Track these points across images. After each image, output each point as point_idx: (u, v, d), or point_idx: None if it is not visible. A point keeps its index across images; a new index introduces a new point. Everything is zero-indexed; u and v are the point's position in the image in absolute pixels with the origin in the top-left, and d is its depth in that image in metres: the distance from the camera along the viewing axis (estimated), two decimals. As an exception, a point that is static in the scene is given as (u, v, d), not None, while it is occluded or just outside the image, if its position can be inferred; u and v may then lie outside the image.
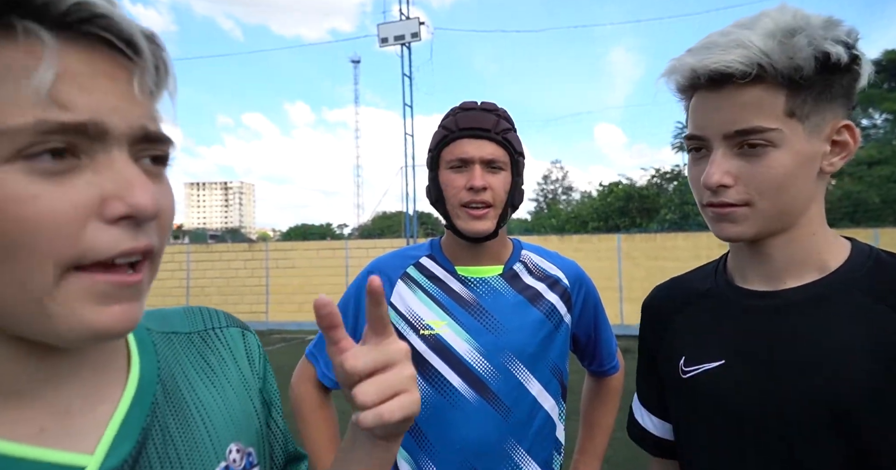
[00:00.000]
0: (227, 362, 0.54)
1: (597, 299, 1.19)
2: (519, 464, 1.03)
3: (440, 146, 1.08)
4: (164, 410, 0.45)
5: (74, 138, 0.35)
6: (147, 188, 0.36)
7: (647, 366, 0.86)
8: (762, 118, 0.65)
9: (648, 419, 0.86)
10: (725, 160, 0.67)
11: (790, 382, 0.65)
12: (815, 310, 0.67)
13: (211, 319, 0.57)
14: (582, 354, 1.23)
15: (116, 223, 0.36)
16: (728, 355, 0.71)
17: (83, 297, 0.36)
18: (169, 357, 0.49)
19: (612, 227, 17.56)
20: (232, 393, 0.52)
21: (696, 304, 0.80)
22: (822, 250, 0.69)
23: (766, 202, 0.67)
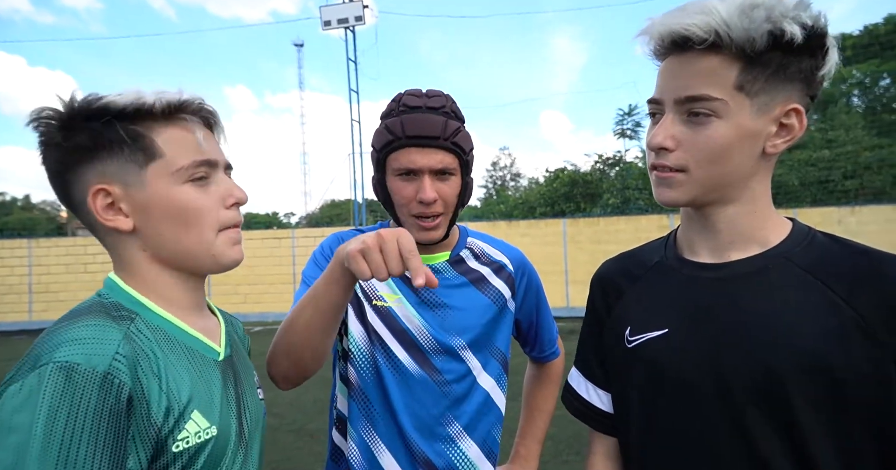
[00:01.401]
0: (240, 335, 0.90)
1: (539, 286, 1.21)
2: (455, 439, 1.06)
3: (386, 151, 1.02)
4: (234, 342, 0.83)
5: (208, 168, 0.73)
6: (240, 188, 0.76)
7: (596, 338, 0.87)
8: (711, 87, 0.66)
9: (595, 394, 0.87)
10: (672, 125, 0.70)
11: (730, 349, 0.68)
12: (755, 281, 0.70)
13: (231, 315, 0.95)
14: (524, 340, 1.26)
15: (231, 208, 0.75)
16: (672, 324, 0.74)
17: (227, 243, 0.75)
18: (227, 320, 0.86)
19: (558, 212, 17.99)
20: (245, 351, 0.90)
21: (644, 276, 0.82)
22: (764, 227, 0.73)
23: (700, 170, 0.69)
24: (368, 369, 1.06)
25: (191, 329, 0.73)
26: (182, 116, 0.72)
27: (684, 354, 0.71)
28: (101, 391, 0.57)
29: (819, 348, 0.64)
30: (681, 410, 0.71)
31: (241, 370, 0.79)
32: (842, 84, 20.76)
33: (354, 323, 1.07)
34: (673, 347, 0.73)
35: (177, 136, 0.70)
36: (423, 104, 1.02)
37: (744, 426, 0.67)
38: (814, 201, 15.41)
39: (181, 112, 0.72)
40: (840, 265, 0.67)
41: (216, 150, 0.75)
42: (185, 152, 0.70)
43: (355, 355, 1.07)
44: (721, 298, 0.71)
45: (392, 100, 1.07)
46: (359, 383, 1.06)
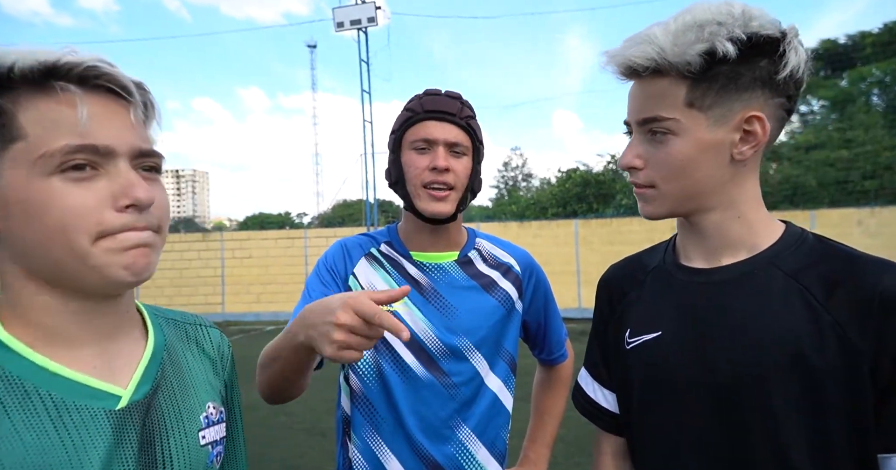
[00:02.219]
0: (207, 350, 0.74)
1: (547, 288, 1.22)
2: (464, 442, 1.06)
3: (404, 127, 1.08)
4: (169, 370, 0.65)
5: (91, 156, 0.53)
6: (144, 186, 0.55)
7: (602, 340, 0.89)
8: (662, 108, 0.71)
9: (602, 395, 0.89)
10: (638, 145, 0.75)
11: (717, 352, 0.71)
12: (741, 285, 0.72)
13: (199, 319, 0.78)
14: (532, 343, 1.26)
15: (125, 211, 0.54)
16: (664, 327, 0.77)
17: (111, 248, 0.54)
18: (171, 334, 0.70)
19: (570, 212, 17.92)
20: (211, 370, 0.72)
21: (645, 280, 0.84)
22: (752, 232, 0.74)
23: (668, 185, 0.73)
24: (372, 376, 1.06)
25: (71, 372, 0.55)
26: (60, 85, 0.52)
27: (675, 356, 0.74)
28: None
29: (798, 351, 0.66)
30: (672, 410, 0.74)
31: (167, 413, 0.61)
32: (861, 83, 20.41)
33: None
34: (665, 349, 0.76)
35: (48, 112, 0.52)
36: (441, 93, 1.12)
37: (728, 427, 0.69)
38: (832, 202, 15.15)
39: (60, 79, 0.52)
40: (821, 269, 0.69)
41: (113, 132, 0.54)
42: (56, 134, 0.51)
43: (357, 363, 1.07)
44: (709, 301, 0.74)
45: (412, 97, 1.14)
46: (362, 391, 1.07)
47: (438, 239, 1.11)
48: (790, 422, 0.66)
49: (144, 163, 0.57)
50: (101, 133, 0.53)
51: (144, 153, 0.57)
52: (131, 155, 0.55)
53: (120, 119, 0.55)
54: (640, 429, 0.80)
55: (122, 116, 0.56)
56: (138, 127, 0.57)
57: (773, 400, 0.67)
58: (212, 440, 0.66)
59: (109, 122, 0.54)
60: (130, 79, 0.56)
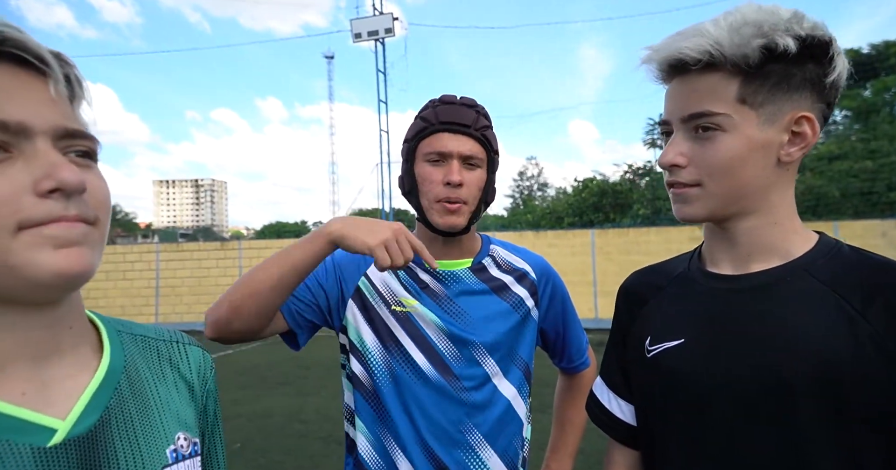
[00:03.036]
0: (183, 372, 0.63)
1: (565, 294, 1.20)
2: (475, 448, 1.05)
3: (418, 138, 1.07)
4: (127, 396, 0.54)
5: (5, 137, 0.44)
6: (71, 169, 0.45)
7: (620, 349, 0.88)
8: (713, 103, 0.69)
9: (616, 404, 0.87)
10: (681, 142, 0.72)
11: (743, 359, 0.68)
12: (772, 292, 0.70)
13: (177, 336, 0.67)
14: (552, 351, 1.25)
15: (48, 196, 0.44)
16: (687, 334, 0.74)
17: (36, 245, 0.44)
18: (135, 354, 0.59)
19: (586, 222, 17.79)
20: (186, 394, 0.62)
21: (667, 287, 0.82)
22: (786, 240, 0.72)
23: (714, 184, 0.71)
24: (384, 376, 1.06)
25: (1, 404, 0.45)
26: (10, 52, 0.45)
27: (698, 364, 0.72)
28: None
29: (832, 361, 0.63)
30: (694, 420, 0.72)
31: (120, 449, 0.51)
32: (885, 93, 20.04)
33: (366, 329, 1.08)
34: (687, 356, 0.73)
35: None
36: (456, 101, 1.10)
37: (755, 437, 0.67)
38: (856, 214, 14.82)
39: None
40: (858, 278, 0.67)
41: (27, 107, 0.45)
42: None
43: (368, 360, 1.07)
44: (737, 308, 0.71)
45: (425, 104, 1.13)
46: (373, 390, 1.07)
47: (451, 248, 1.11)
48: (820, 435, 0.64)
49: (74, 146, 0.48)
50: (10, 108, 0.44)
51: (71, 133, 0.47)
52: (54, 134, 0.46)
53: (36, 93, 0.46)
54: (658, 440, 0.78)
55: (39, 90, 0.47)
56: (60, 103, 0.48)
57: (803, 412, 0.64)
58: None
59: (21, 96, 0.45)
60: (47, 49, 0.47)
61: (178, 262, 12.63)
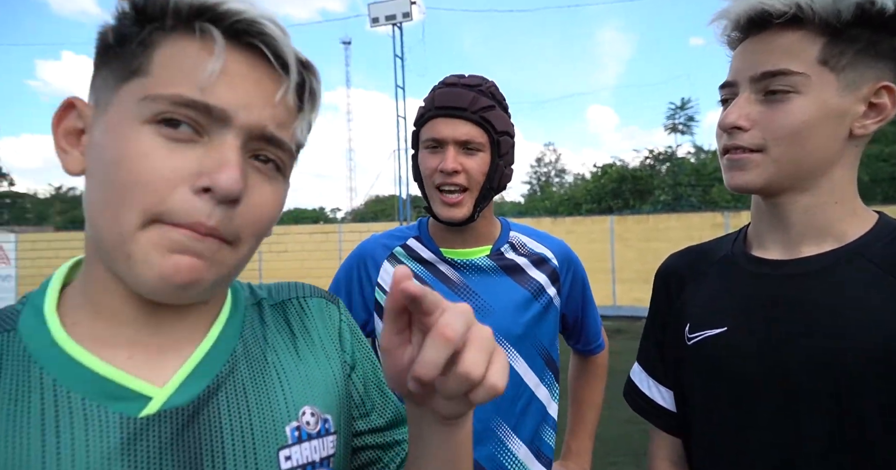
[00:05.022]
0: (309, 329, 0.56)
1: (584, 279, 1.19)
2: (504, 441, 1.04)
3: (418, 124, 1.05)
4: (242, 364, 0.49)
5: (199, 116, 0.41)
6: (234, 172, 0.41)
7: (659, 334, 0.84)
8: (791, 61, 0.63)
9: (657, 391, 0.84)
10: (747, 104, 0.67)
11: (793, 348, 0.65)
12: (824, 278, 0.66)
13: (295, 290, 0.60)
14: (569, 334, 1.24)
15: (200, 195, 0.41)
16: (731, 322, 0.71)
17: (156, 243, 0.41)
18: (255, 320, 0.53)
19: (605, 208, 17.59)
20: (312, 359, 0.54)
21: (708, 271, 0.78)
22: (843, 220, 0.68)
23: (779, 149, 0.65)
24: None
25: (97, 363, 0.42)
26: (202, 26, 0.42)
27: (743, 353, 0.68)
28: None
29: (892, 348, 0.60)
30: (742, 410, 0.68)
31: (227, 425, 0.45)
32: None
33: None
34: (731, 345, 0.70)
35: (181, 55, 0.42)
36: (459, 82, 1.05)
37: (811, 428, 0.63)
38: (885, 198, 14.40)
39: (209, 21, 0.42)
40: None
41: (241, 99, 0.42)
42: (176, 80, 0.41)
43: None
44: (785, 295, 0.67)
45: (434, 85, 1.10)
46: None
47: (468, 235, 1.08)
48: (879, 426, 0.60)
49: (262, 151, 0.44)
50: (226, 94, 0.42)
51: (268, 138, 0.44)
52: (250, 134, 0.43)
53: (260, 90, 0.44)
54: (702, 431, 0.75)
55: (266, 89, 0.44)
56: (280, 109, 0.45)
57: (859, 405, 0.61)
58: (303, 463, 0.48)
59: (243, 87, 0.43)
60: (297, 55, 0.45)
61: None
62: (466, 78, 1.06)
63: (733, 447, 0.69)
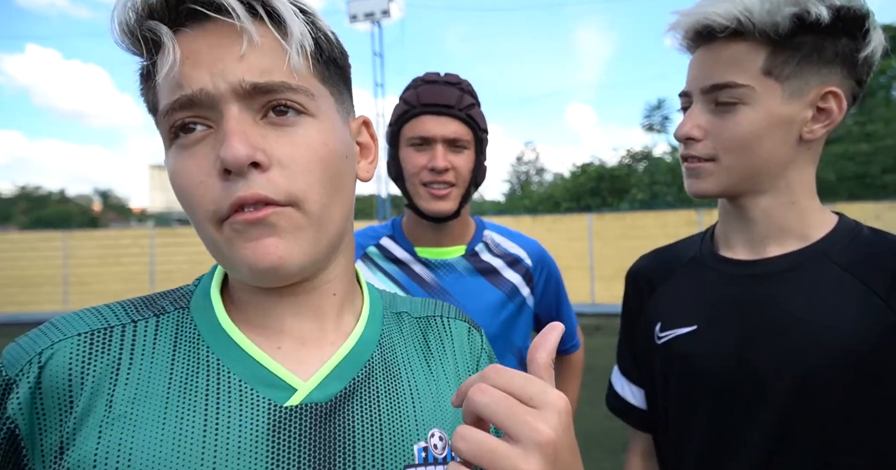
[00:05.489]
0: (447, 351, 0.55)
1: (559, 279, 1.19)
2: None
3: (401, 121, 1.03)
4: (378, 372, 0.49)
5: (196, 111, 0.41)
6: (232, 141, 0.39)
7: (630, 334, 0.86)
8: (736, 74, 0.66)
9: (629, 390, 0.85)
10: (699, 114, 0.69)
11: (761, 347, 0.66)
12: (790, 278, 0.68)
13: (441, 309, 0.59)
14: None
15: (226, 179, 0.41)
16: (701, 321, 0.72)
17: (233, 238, 0.42)
18: (393, 330, 0.53)
19: (583, 207, 17.77)
20: (444, 380, 0.53)
21: (678, 271, 0.80)
22: (804, 221, 0.70)
23: (730, 158, 0.68)
24: None
25: (255, 349, 0.44)
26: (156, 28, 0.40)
27: (713, 352, 0.70)
28: None
29: (855, 350, 0.61)
30: (708, 409, 0.70)
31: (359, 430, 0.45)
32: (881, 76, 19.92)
33: None
34: (701, 344, 0.71)
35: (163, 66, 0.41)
36: (439, 79, 1.04)
37: (773, 424, 0.65)
38: (851, 196, 14.87)
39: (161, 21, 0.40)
40: (882, 263, 0.64)
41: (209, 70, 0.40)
42: (163, 91, 0.42)
43: None
44: (753, 295, 0.69)
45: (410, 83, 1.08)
46: None
47: (443, 234, 1.07)
48: (843, 427, 0.62)
49: (272, 103, 0.42)
50: (194, 75, 0.40)
51: (261, 89, 0.41)
52: (238, 95, 0.40)
53: (221, 50, 0.40)
54: (674, 425, 0.76)
55: (224, 46, 0.41)
56: (254, 55, 0.41)
57: (824, 402, 0.62)
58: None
59: (206, 59, 0.40)
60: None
61: (174, 247, 12.58)
62: (446, 76, 1.05)
63: (701, 443, 0.71)
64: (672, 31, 0.71)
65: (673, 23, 0.70)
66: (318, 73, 0.45)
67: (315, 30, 0.45)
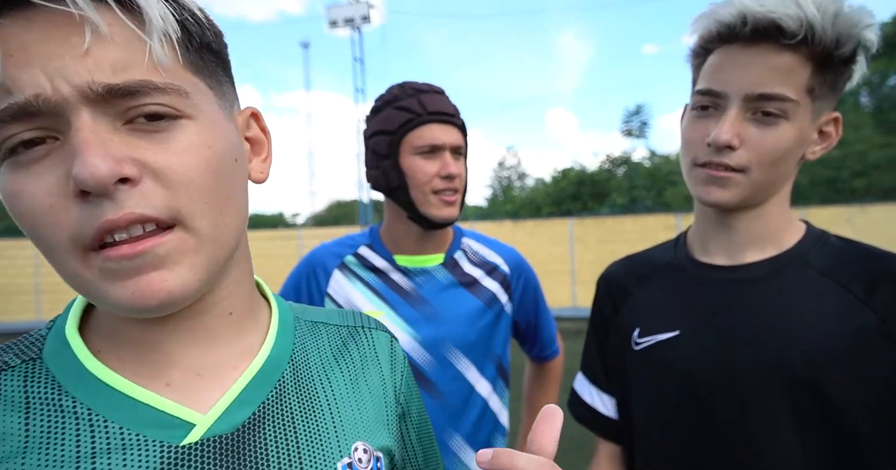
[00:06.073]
0: (369, 362, 0.52)
1: (537, 286, 1.20)
2: (456, 452, 1.04)
3: (405, 130, 1.01)
4: (290, 392, 0.45)
5: (39, 122, 0.32)
6: (94, 153, 0.31)
7: (601, 342, 0.85)
8: (787, 87, 0.63)
9: (599, 399, 0.84)
10: (740, 122, 0.65)
11: (744, 351, 0.67)
12: (771, 283, 0.68)
13: (364, 320, 0.57)
14: (522, 340, 1.24)
15: (83, 200, 0.32)
16: (683, 326, 0.72)
17: (101, 276, 0.34)
18: (309, 343, 0.49)
19: (564, 211, 17.94)
20: (367, 393, 0.50)
21: (653, 277, 0.79)
22: (781, 228, 0.71)
23: (760, 172, 0.66)
24: None
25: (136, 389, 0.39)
26: None
27: (696, 357, 0.70)
28: None
29: (837, 350, 0.62)
30: (695, 413, 0.70)
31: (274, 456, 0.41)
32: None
33: None
34: (684, 349, 0.71)
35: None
36: (432, 89, 1.06)
37: (761, 430, 0.65)
38: (822, 200, 15.29)
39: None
40: (857, 267, 0.66)
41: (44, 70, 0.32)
42: None
43: None
44: (735, 300, 0.70)
45: (388, 91, 1.06)
46: None
47: (427, 242, 1.08)
48: (827, 428, 0.62)
49: (134, 108, 0.34)
50: (24, 78, 0.31)
51: (117, 92, 0.33)
52: (92, 99, 0.32)
53: (58, 45, 0.32)
54: (649, 433, 0.75)
55: (65, 39, 0.32)
56: (102, 48, 0.32)
57: (808, 407, 0.62)
58: None
59: (36, 56, 0.32)
60: None
61: (152, 254, 12.34)
62: (433, 86, 1.07)
63: (681, 451, 0.70)
64: (713, 17, 0.65)
65: (720, 8, 0.64)
66: (190, 64, 0.37)
67: (180, 10, 0.36)
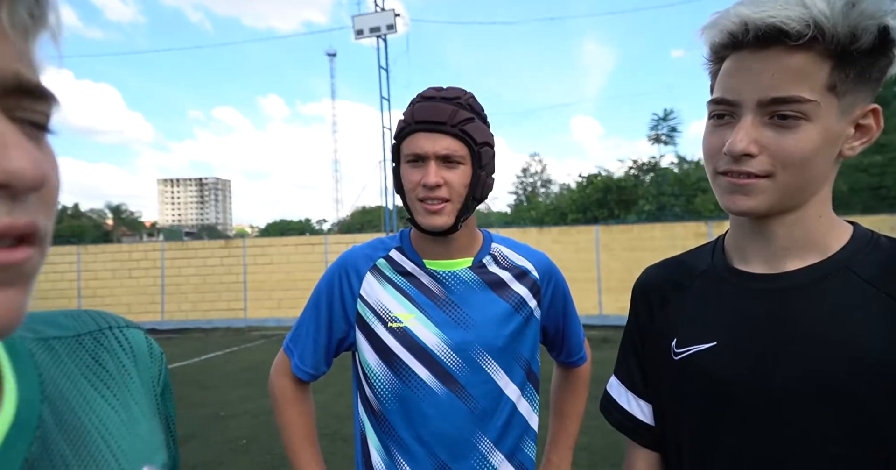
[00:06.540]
0: (128, 369, 0.45)
1: (566, 291, 1.19)
2: (486, 455, 1.04)
3: (399, 138, 1.05)
4: (55, 436, 0.37)
5: None
6: (24, 149, 0.27)
7: (637, 349, 0.83)
8: (803, 88, 0.61)
9: (637, 406, 0.83)
10: (755, 128, 0.64)
11: (786, 363, 0.64)
12: (811, 293, 0.66)
13: (104, 319, 0.47)
14: (551, 346, 1.24)
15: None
16: (721, 337, 0.70)
17: None
18: (53, 369, 0.40)
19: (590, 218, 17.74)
20: (136, 407, 0.44)
21: (691, 285, 0.78)
22: (825, 233, 0.68)
23: (787, 176, 0.64)
24: (388, 394, 1.05)
25: None
26: None
27: (735, 368, 0.68)
28: None
29: (882, 366, 0.60)
30: (729, 427, 0.68)
31: None
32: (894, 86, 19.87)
33: (368, 351, 1.07)
34: (722, 360, 0.69)
35: None
36: (437, 95, 1.05)
37: (798, 443, 0.63)
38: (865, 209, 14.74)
39: None
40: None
41: None
42: None
43: (374, 383, 1.06)
44: (775, 310, 0.67)
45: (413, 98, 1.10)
46: (380, 410, 1.06)
47: (449, 247, 1.08)
48: (874, 446, 0.59)
49: (29, 112, 0.30)
50: None
51: (26, 88, 0.29)
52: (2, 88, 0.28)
53: None
54: (689, 448, 0.73)
55: None
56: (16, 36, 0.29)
57: (851, 421, 0.60)
58: None
59: None
60: None
61: (184, 260, 12.66)
62: (445, 90, 1.06)
63: (722, 462, 0.69)
64: (716, 27, 0.64)
65: (721, 18, 0.64)
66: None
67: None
